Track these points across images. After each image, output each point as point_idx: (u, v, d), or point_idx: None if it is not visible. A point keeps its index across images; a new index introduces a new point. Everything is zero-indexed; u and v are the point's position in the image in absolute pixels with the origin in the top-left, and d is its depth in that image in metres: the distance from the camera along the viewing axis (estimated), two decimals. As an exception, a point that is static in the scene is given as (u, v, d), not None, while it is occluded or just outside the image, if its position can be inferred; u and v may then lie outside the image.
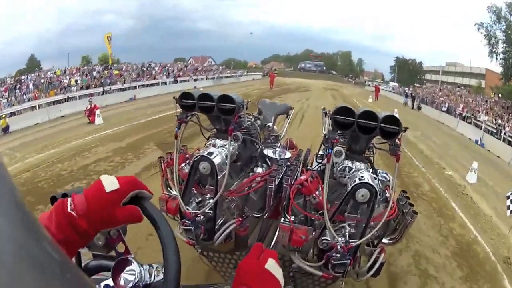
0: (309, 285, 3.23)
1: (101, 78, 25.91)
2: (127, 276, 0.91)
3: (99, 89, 23.93)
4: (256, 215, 3.28)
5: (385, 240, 3.21)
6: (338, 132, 2.88)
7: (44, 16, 29.83)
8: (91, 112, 14.82)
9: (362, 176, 2.68)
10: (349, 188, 2.65)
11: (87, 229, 0.85)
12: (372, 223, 2.74)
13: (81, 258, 1.01)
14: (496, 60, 29.22)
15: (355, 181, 2.66)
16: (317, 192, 2.87)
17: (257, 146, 3.66)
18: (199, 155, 2.89)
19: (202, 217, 2.91)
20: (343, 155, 3.06)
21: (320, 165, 3.49)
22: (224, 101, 3.05)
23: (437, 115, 24.50)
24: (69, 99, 20.72)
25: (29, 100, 19.67)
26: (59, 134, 12.78)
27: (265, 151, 3.72)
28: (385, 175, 3.33)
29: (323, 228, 2.75)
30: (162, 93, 25.55)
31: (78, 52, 32.13)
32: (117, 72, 28.53)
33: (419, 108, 27.81)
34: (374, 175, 2.92)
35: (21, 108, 18.50)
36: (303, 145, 4.99)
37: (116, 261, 0.93)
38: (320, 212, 2.84)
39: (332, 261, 2.66)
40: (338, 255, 2.64)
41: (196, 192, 3.06)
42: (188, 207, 2.89)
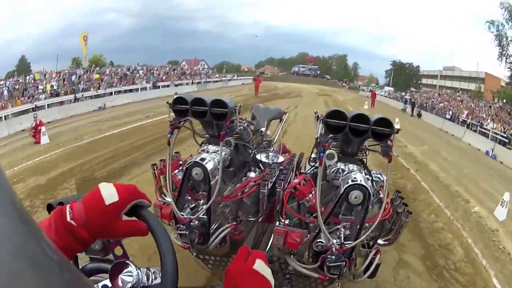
0: (306, 287, 3.27)
1: (79, 83, 24.65)
2: (125, 278, 0.92)
3: (71, 96, 21.92)
4: (250, 219, 3.35)
5: (380, 241, 3.21)
6: (330, 136, 2.91)
7: (43, 16, 28.42)
8: (36, 130, 12.91)
9: (355, 178, 2.74)
10: (342, 190, 2.71)
11: (87, 238, 0.85)
12: (367, 224, 2.78)
13: (78, 261, 1.00)
14: (505, 63, 26.75)
15: (347, 182, 2.71)
16: (310, 195, 2.92)
17: (250, 151, 3.73)
18: (191, 161, 2.97)
19: (197, 222, 2.97)
20: (336, 158, 3.09)
21: (313, 168, 3.53)
22: (217, 105, 3.09)
23: (440, 123, 23.32)
24: (37, 108, 18.21)
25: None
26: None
27: (258, 156, 3.80)
28: (379, 175, 3.42)
29: (318, 231, 2.78)
30: (138, 100, 24.49)
31: (75, 53, 31.55)
32: (97, 76, 27.07)
33: (419, 115, 26.61)
34: (367, 176, 3.02)
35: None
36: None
37: (114, 263, 0.94)
38: (314, 215, 2.89)
39: (327, 263, 2.70)
40: (333, 257, 2.69)
41: (190, 198, 3.13)
42: (182, 213, 2.95)
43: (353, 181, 2.70)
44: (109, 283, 0.92)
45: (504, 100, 25.65)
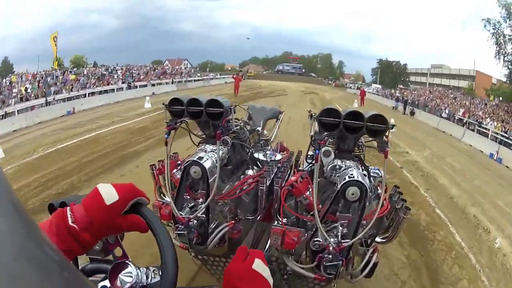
0: (303, 287, 3.28)
1: (55, 84, 23.36)
2: (124, 278, 0.92)
3: (42, 100, 20.36)
4: (249, 217, 3.41)
5: (378, 239, 3.23)
6: (325, 133, 2.97)
7: (27, 17, 26.90)
8: (-11, 143, 11.77)
9: (352, 174, 2.77)
10: (338, 187, 2.75)
11: (89, 240, 0.86)
12: (365, 221, 2.83)
13: (78, 262, 1.00)
14: (503, 61, 25.52)
15: (344, 179, 2.75)
16: (307, 193, 2.95)
17: (247, 150, 3.80)
18: (189, 160, 3.02)
19: (195, 221, 3.01)
20: (332, 155, 3.16)
21: (310, 165, 3.57)
22: (212, 105, 3.16)
23: (436, 122, 22.30)
24: (6, 115, 17.09)
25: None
26: None
27: (255, 155, 3.88)
28: (377, 171, 3.45)
29: (315, 229, 2.81)
30: (112, 101, 22.88)
31: (60, 54, 29.95)
32: (73, 77, 25.59)
33: (412, 113, 25.57)
34: (364, 172, 3.07)
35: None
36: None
37: (113, 263, 0.94)
38: (311, 213, 2.92)
39: (324, 263, 2.71)
40: (330, 256, 2.70)
41: (189, 197, 3.19)
42: (181, 212, 3.00)
43: (349, 177, 2.72)
44: (108, 283, 0.92)
45: (500, 98, 24.12)
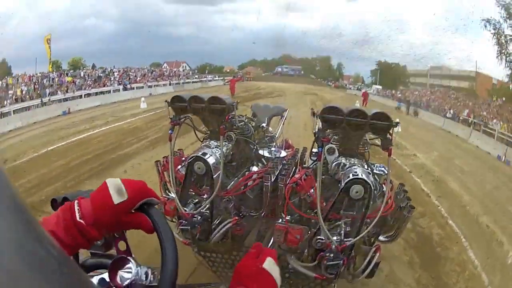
0: (305, 286, 3.29)
1: (50, 86, 23.18)
2: (123, 274, 0.91)
3: (38, 101, 20.41)
4: (253, 214, 3.42)
5: (381, 238, 3.23)
6: (329, 131, 2.99)
7: (25, 20, 26.63)
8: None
9: (356, 172, 2.78)
10: (342, 185, 2.75)
11: (96, 236, 0.86)
12: (368, 219, 2.81)
13: (78, 256, 0.98)
14: (505, 62, 25.11)
15: (348, 177, 2.75)
16: (311, 191, 2.96)
17: (252, 146, 3.81)
18: (193, 156, 3.03)
19: (199, 217, 3.04)
20: (336, 152, 3.17)
21: (314, 163, 3.50)
22: (214, 102, 3.18)
23: (440, 122, 22.04)
24: (2, 116, 17.25)
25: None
26: None
27: (260, 151, 3.84)
28: (383, 168, 3.40)
29: (318, 227, 2.80)
30: (108, 102, 22.92)
31: (56, 56, 28.69)
32: (69, 79, 25.41)
33: (415, 113, 25.24)
34: (369, 170, 3.08)
35: None
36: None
37: (114, 258, 0.93)
38: (315, 211, 2.90)
39: (325, 262, 2.70)
40: (331, 255, 2.69)
41: (194, 193, 3.23)
42: (185, 208, 3.02)
43: (353, 175, 2.72)
44: (107, 277, 0.91)
45: (503, 98, 23.72)
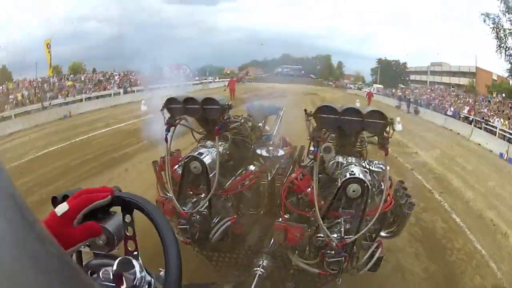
0: (309, 282, 3.27)
1: (51, 90, 23.34)
2: (126, 276, 0.88)
3: (38, 105, 20.69)
4: (252, 212, 3.47)
5: (383, 233, 3.23)
6: (324, 130, 3.02)
7: (24, 25, 26.67)
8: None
9: (353, 171, 2.79)
10: (339, 183, 2.76)
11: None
12: (368, 217, 2.85)
13: (82, 257, 1.02)
14: (505, 55, 24.96)
15: (345, 175, 2.76)
16: (308, 190, 2.97)
17: (249, 145, 3.80)
18: (189, 156, 3.06)
19: (198, 216, 3.05)
20: (333, 151, 3.16)
21: (311, 161, 3.49)
22: (208, 103, 3.22)
23: (442, 120, 21.73)
24: (3, 119, 17.50)
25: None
26: None
27: (258, 151, 3.88)
28: (382, 166, 3.36)
29: (318, 225, 2.83)
30: (109, 105, 22.97)
31: (56, 61, 28.78)
32: (70, 83, 25.53)
33: (416, 112, 25.05)
34: (366, 169, 3.09)
35: None
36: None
37: (118, 259, 0.91)
38: (313, 209, 2.92)
39: (327, 259, 2.73)
40: (333, 252, 2.72)
41: (192, 193, 3.26)
42: (184, 208, 3.03)
43: (350, 174, 2.73)
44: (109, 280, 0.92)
45: (503, 94, 23.54)
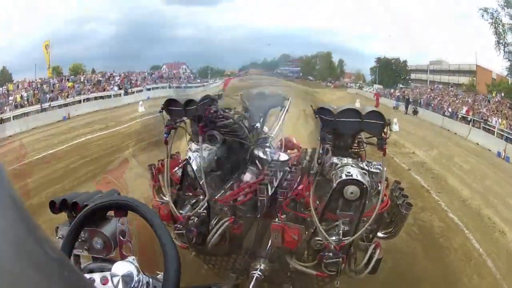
0: (307, 284, 3.29)
1: (51, 92, 23.16)
2: (124, 279, 0.91)
3: (37, 107, 20.48)
4: (249, 216, 3.38)
5: (380, 234, 3.23)
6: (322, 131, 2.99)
7: (24, 26, 26.68)
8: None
9: (349, 172, 2.75)
10: (334, 185, 2.73)
11: None
12: (365, 218, 2.81)
13: (80, 261, 1.04)
14: (504, 52, 24.79)
15: (340, 176, 2.74)
16: (306, 193, 2.96)
17: (246, 147, 3.62)
18: (186, 159, 3.03)
19: (196, 219, 3.02)
20: (330, 152, 3.06)
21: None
22: (205, 101, 3.17)
23: (440, 120, 21.91)
24: (2, 121, 17.34)
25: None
26: None
27: (255, 153, 3.69)
28: (379, 166, 3.30)
29: (315, 228, 2.79)
30: (108, 107, 22.83)
31: (56, 62, 28.28)
32: (70, 84, 25.25)
33: (415, 112, 24.93)
34: (364, 170, 3.04)
35: None
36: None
37: (116, 263, 0.94)
38: (309, 209, 2.90)
39: (325, 261, 2.72)
40: (330, 254, 2.70)
41: (191, 195, 3.20)
42: (181, 211, 3.00)
43: (346, 175, 2.70)
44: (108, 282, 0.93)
45: (502, 94, 23.42)
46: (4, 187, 0.39)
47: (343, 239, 2.70)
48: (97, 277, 0.98)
